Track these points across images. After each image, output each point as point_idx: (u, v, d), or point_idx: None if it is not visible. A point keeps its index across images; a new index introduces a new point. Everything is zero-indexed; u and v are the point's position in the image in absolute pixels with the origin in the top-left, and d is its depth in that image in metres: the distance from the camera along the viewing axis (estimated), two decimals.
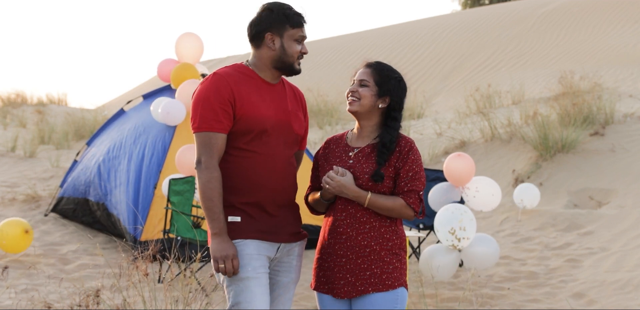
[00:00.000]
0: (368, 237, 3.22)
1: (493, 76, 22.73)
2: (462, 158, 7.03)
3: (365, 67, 3.38)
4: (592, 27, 25.31)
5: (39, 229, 8.31)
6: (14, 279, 6.31)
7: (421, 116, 16.54)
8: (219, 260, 3.13)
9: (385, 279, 3.20)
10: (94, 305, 4.44)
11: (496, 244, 6.32)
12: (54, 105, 21.84)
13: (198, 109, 3.20)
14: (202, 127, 3.18)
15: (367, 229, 3.22)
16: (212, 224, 3.15)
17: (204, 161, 3.17)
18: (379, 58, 19.62)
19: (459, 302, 5.99)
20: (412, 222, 7.46)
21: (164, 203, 7.09)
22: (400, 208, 3.22)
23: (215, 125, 3.17)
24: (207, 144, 3.17)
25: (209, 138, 3.18)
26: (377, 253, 3.21)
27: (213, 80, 3.22)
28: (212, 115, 3.17)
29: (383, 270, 3.21)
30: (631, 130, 10.68)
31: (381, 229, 3.23)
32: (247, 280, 3.16)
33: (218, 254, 3.13)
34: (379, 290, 3.19)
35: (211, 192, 3.14)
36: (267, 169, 3.24)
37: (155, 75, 34.74)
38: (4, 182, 10.73)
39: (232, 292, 3.18)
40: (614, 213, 8.43)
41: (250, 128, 3.21)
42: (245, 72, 3.29)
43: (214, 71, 3.30)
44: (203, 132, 3.18)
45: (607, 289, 6.22)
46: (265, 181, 3.23)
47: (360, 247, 3.21)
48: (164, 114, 7.53)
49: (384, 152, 3.25)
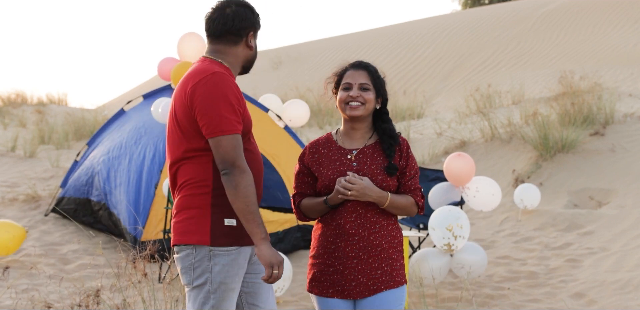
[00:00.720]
0: (379, 236, 3.24)
1: (493, 76, 22.73)
2: (462, 158, 7.03)
3: (358, 69, 3.34)
4: (592, 27, 25.31)
5: (39, 229, 8.31)
6: (14, 279, 6.31)
7: (421, 116, 16.54)
8: (274, 265, 3.02)
9: (395, 276, 3.25)
10: (94, 305, 4.45)
11: (484, 252, 6.46)
12: (54, 105, 21.83)
13: (220, 110, 3.04)
14: (230, 129, 3.04)
15: (377, 228, 3.24)
16: (259, 228, 3.02)
17: (240, 165, 3.03)
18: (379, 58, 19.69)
19: (459, 302, 5.99)
20: (412, 222, 7.45)
21: (165, 203, 7.09)
22: (411, 206, 3.30)
23: (238, 127, 3.08)
24: (238, 147, 3.05)
25: (237, 140, 3.06)
26: (387, 251, 3.25)
27: (223, 79, 3.09)
28: (235, 117, 3.07)
29: (393, 267, 3.25)
30: (631, 130, 10.68)
31: (389, 227, 3.27)
32: (231, 291, 3.10)
33: (275, 260, 3.02)
34: (390, 287, 3.23)
35: (253, 196, 3.03)
36: (258, 166, 3.24)
37: (155, 75, 34.74)
38: (4, 182, 10.73)
39: (213, 300, 3.08)
40: (614, 213, 8.43)
41: (248, 128, 3.20)
42: (226, 71, 3.17)
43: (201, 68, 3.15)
44: (231, 134, 3.04)
45: (607, 289, 6.22)
46: (259, 178, 3.23)
47: (373, 246, 3.23)
48: (164, 114, 7.53)
49: (392, 143, 3.28)
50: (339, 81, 3.37)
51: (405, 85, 25.26)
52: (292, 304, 6.08)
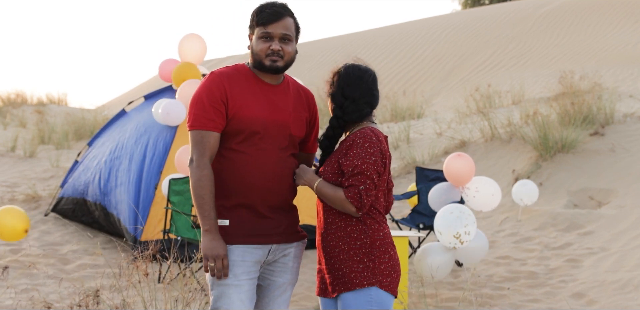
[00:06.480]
0: (336, 237, 3.25)
1: (493, 76, 22.73)
2: (462, 158, 7.03)
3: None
4: (592, 27, 25.31)
5: (39, 229, 8.31)
6: (14, 279, 6.31)
7: (421, 116, 16.54)
8: (209, 258, 3.14)
9: (353, 278, 3.20)
10: (94, 305, 4.45)
11: (485, 238, 6.25)
12: (54, 105, 21.85)
13: (192, 107, 3.23)
14: (194, 125, 3.21)
15: (333, 229, 3.25)
16: (203, 221, 3.16)
17: (196, 159, 3.19)
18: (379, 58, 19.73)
19: (459, 302, 5.99)
20: (412, 222, 7.46)
21: (165, 203, 7.09)
22: (341, 201, 3.18)
23: (207, 124, 3.19)
24: (199, 142, 3.20)
25: (201, 136, 3.20)
26: (346, 252, 3.22)
27: (208, 79, 3.25)
28: (204, 114, 3.19)
29: (352, 269, 3.21)
30: (631, 130, 10.68)
31: (347, 228, 3.24)
32: (226, 287, 3.17)
33: (209, 252, 3.14)
34: (348, 289, 3.20)
35: (202, 190, 3.15)
36: (258, 169, 3.22)
37: (155, 75, 34.76)
38: (4, 182, 10.73)
39: (213, 296, 3.21)
40: (614, 213, 8.43)
41: (241, 128, 3.20)
42: (243, 72, 3.29)
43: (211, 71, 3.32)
44: (196, 130, 3.21)
45: (607, 289, 6.22)
46: (257, 182, 3.21)
47: (331, 247, 3.25)
48: (164, 115, 7.53)
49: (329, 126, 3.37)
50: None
51: (405, 85, 25.27)
52: (292, 304, 6.08)
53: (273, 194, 3.25)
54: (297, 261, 3.38)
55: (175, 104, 7.53)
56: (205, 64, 32.68)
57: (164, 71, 8.22)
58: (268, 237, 3.25)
